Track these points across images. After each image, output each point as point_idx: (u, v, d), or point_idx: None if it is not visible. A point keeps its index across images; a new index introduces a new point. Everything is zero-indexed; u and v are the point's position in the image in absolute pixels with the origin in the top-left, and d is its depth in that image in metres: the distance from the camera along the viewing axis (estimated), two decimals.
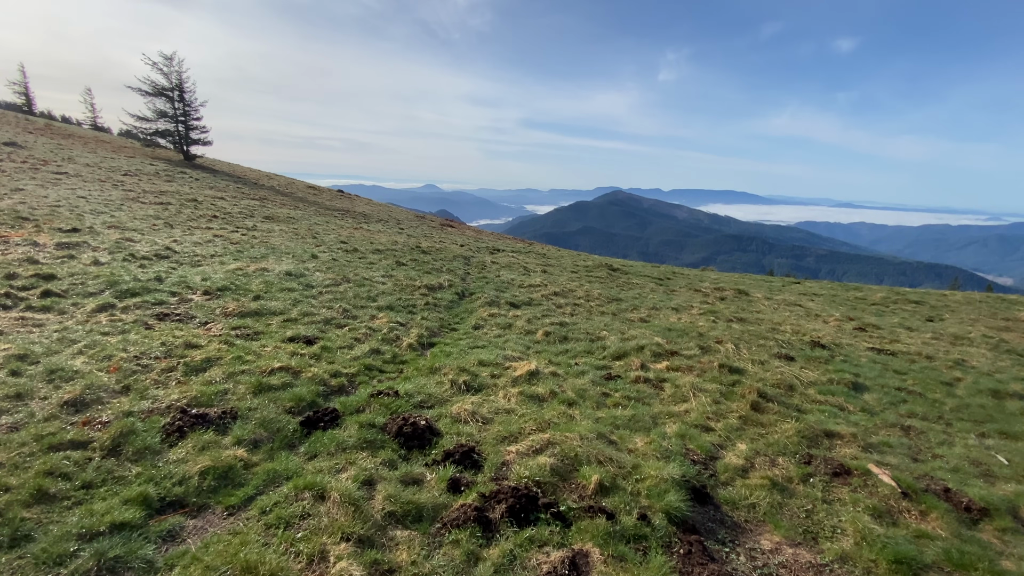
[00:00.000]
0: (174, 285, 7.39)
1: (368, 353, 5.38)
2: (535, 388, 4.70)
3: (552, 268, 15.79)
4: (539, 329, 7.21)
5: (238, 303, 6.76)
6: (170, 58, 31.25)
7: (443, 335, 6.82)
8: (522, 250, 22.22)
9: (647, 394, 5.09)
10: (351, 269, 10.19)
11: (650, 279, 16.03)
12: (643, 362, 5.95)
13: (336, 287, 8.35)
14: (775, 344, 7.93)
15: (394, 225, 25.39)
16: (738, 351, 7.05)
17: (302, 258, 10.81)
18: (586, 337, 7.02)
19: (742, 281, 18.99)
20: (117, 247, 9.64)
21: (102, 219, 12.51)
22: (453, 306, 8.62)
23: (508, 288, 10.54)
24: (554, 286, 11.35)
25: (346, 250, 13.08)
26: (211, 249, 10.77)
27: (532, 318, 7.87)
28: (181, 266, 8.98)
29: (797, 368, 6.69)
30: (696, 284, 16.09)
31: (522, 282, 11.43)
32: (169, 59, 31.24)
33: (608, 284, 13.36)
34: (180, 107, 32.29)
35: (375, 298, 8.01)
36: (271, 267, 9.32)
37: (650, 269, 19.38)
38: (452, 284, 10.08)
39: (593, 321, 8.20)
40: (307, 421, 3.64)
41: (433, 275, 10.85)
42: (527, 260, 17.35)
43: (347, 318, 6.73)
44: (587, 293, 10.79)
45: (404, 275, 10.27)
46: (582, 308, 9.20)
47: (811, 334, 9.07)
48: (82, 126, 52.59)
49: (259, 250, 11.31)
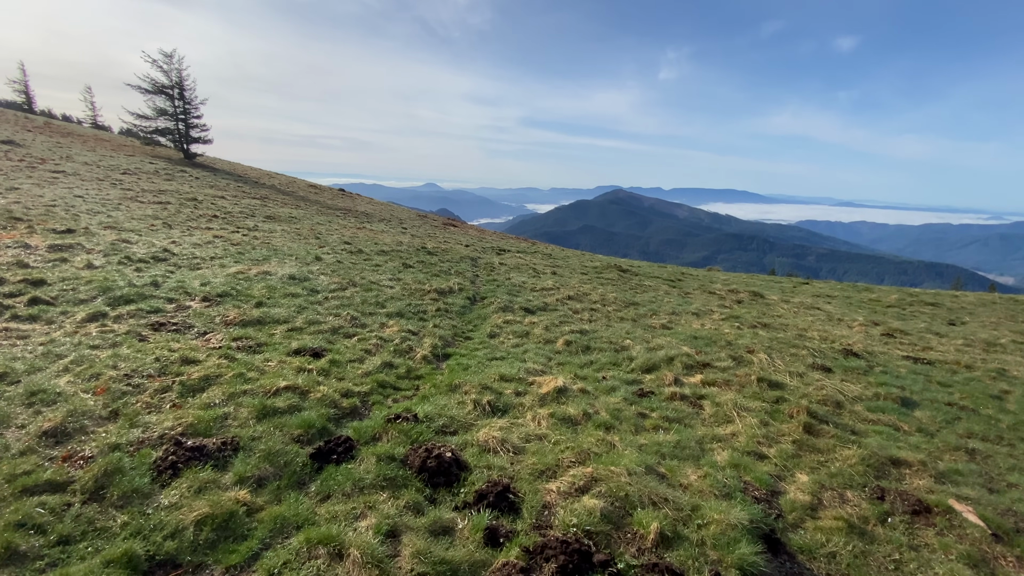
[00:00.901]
0: (171, 291, 6.95)
1: (380, 367, 4.94)
2: (566, 408, 4.27)
3: (561, 269, 15.35)
4: (559, 338, 6.77)
5: (239, 311, 6.32)
6: (170, 55, 30.77)
7: (457, 345, 6.39)
8: (527, 250, 21.78)
9: (686, 414, 4.65)
10: (357, 272, 9.76)
11: (661, 280, 15.60)
12: (676, 376, 5.51)
13: (342, 292, 7.91)
14: (808, 353, 7.49)
15: (397, 225, 24.95)
16: (772, 362, 6.61)
17: (305, 260, 10.37)
18: (610, 347, 6.58)
19: (752, 282, 18.56)
20: (113, 249, 9.21)
21: (98, 219, 12.07)
22: (465, 312, 8.18)
23: (520, 292, 10.11)
24: (567, 289, 10.90)
25: (350, 251, 12.64)
26: (211, 251, 10.34)
27: (550, 325, 7.43)
28: (179, 269, 8.54)
29: (837, 381, 6.25)
30: (708, 286, 15.65)
31: (534, 285, 10.99)
32: (169, 56, 30.76)
33: (621, 287, 12.92)
34: (180, 105, 31.84)
35: (384, 304, 7.57)
36: (274, 270, 8.89)
37: (659, 270, 18.94)
38: (462, 288, 9.64)
39: (614, 328, 7.76)
40: (318, 453, 3.21)
41: (442, 278, 10.41)
42: (535, 261, 16.91)
43: (356, 327, 6.29)
44: (602, 297, 10.34)
45: (412, 278, 9.83)
46: (600, 314, 8.76)
47: (840, 341, 8.64)
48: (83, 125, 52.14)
49: (261, 252, 10.88)
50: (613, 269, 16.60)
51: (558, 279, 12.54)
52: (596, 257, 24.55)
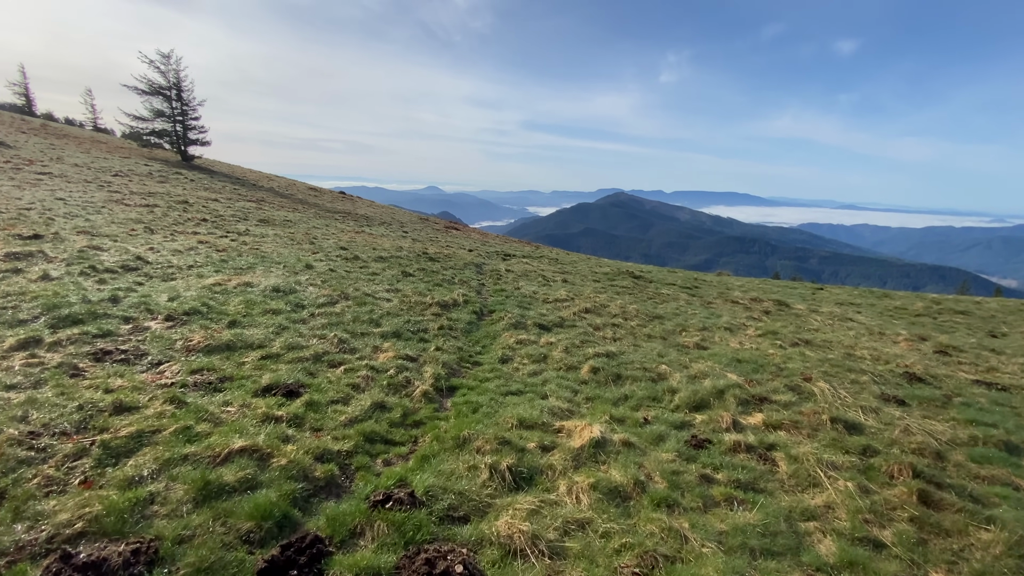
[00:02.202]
0: (131, 307, 5.97)
1: (370, 410, 3.94)
2: (609, 474, 3.26)
3: (571, 276, 14.35)
4: (583, 363, 5.76)
5: (206, 332, 5.34)
6: (167, 56, 30.04)
7: (464, 373, 5.38)
8: (532, 255, 20.79)
9: (759, 473, 3.65)
10: (350, 282, 8.76)
11: (678, 288, 14.59)
12: (733, 417, 4.50)
13: (332, 307, 6.92)
14: (869, 379, 6.46)
15: (397, 228, 24.00)
16: (836, 393, 5.59)
17: (295, 269, 9.39)
18: (644, 375, 5.56)
19: (769, 289, 17.54)
20: (79, 257, 8.23)
21: (74, 223, 11.12)
22: (472, 329, 7.17)
23: (532, 304, 9.10)
24: (582, 300, 9.90)
25: (346, 258, 11.66)
26: (191, 258, 9.37)
27: (570, 346, 6.42)
28: (150, 280, 7.57)
29: (918, 418, 5.23)
30: (727, 293, 14.63)
31: (546, 296, 9.99)
32: (167, 57, 30.03)
33: (639, 296, 11.91)
34: (178, 106, 31.10)
35: (379, 321, 6.56)
36: (257, 281, 7.91)
37: (672, 276, 17.92)
38: (468, 300, 8.64)
39: (643, 349, 6.75)
40: (271, 568, 2.21)
41: (445, 288, 9.42)
42: (542, 267, 15.91)
43: (344, 352, 5.29)
44: (622, 309, 9.33)
45: (412, 289, 8.84)
46: (624, 330, 7.75)
47: (896, 362, 7.62)
48: (84, 127, 51.51)
49: (246, 259, 9.90)
50: (626, 276, 15.59)
51: (571, 288, 11.54)
52: (604, 262, 23.55)
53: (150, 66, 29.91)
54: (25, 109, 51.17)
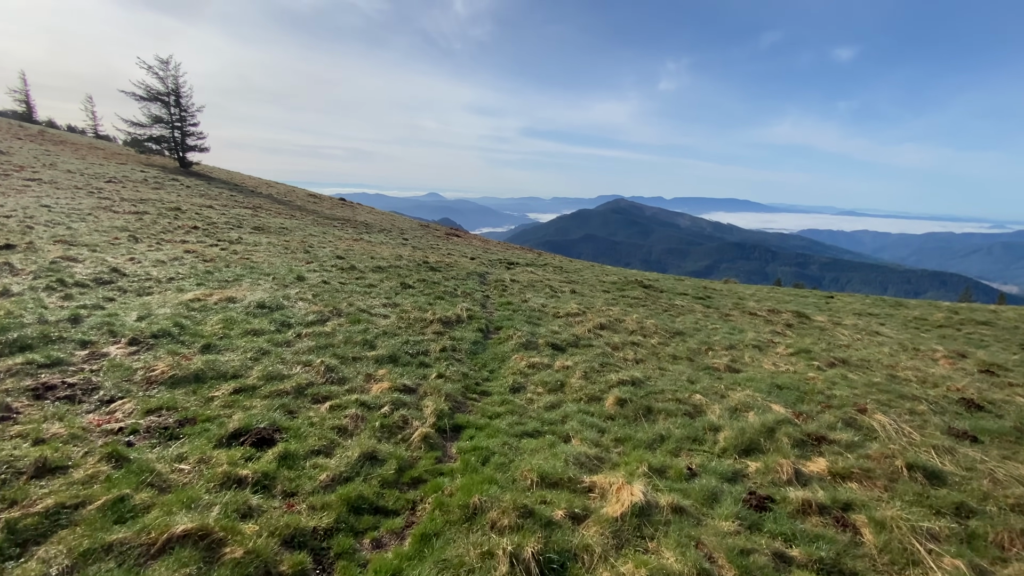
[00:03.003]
0: (93, 329, 5.26)
1: (357, 464, 3.21)
2: (663, 560, 2.53)
3: (579, 287, 13.66)
4: (606, 393, 5.03)
5: (174, 360, 4.62)
6: (166, 62, 29.72)
7: (471, 407, 4.65)
8: (536, 262, 20.12)
9: (842, 547, 2.91)
10: (344, 296, 8.05)
11: (691, 298, 13.89)
12: (793, 465, 3.76)
13: (322, 326, 6.20)
14: (926, 408, 5.73)
15: (397, 236, 23.38)
16: (899, 428, 4.86)
17: (284, 281, 8.69)
18: (678, 407, 4.83)
19: (782, 298, 16.85)
20: (49, 270, 7.54)
21: (54, 232, 10.47)
22: (478, 350, 6.44)
23: (542, 319, 8.39)
24: (595, 314, 9.18)
25: (342, 268, 10.97)
26: (174, 270, 8.68)
27: (589, 371, 5.70)
28: (123, 295, 6.87)
29: (996, 457, 4.48)
30: (742, 304, 13.93)
31: (556, 309, 9.27)
32: (165, 63, 29.71)
33: (653, 309, 11.19)
34: (176, 112, 30.71)
35: (373, 343, 5.84)
36: (241, 295, 7.21)
37: (680, 284, 17.21)
38: (472, 315, 7.92)
39: (670, 374, 6.02)
40: None
41: (447, 301, 8.71)
42: (548, 276, 15.21)
43: (331, 382, 4.57)
44: (640, 325, 8.60)
45: (411, 303, 8.13)
46: (645, 350, 7.03)
47: (945, 385, 6.88)
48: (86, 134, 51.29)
49: (234, 270, 9.21)
50: (635, 285, 14.90)
51: (581, 300, 10.83)
52: (609, 270, 22.88)
53: (148, 72, 29.57)
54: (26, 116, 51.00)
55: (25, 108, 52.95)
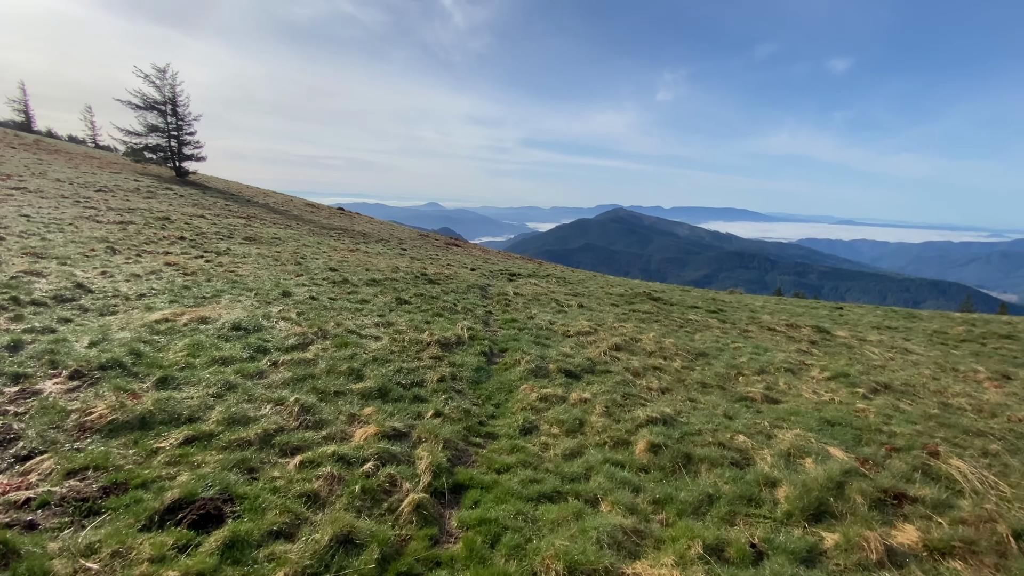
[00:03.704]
0: (32, 359, 4.49)
1: (327, 551, 2.43)
2: None
3: (586, 300, 12.92)
4: (635, 436, 4.24)
5: (119, 398, 3.85)
6: (163, 71, 29.35)
7: (474, 457, 3.86)
8: (538, 273, 19.41)
9: None
10: (333, 314, 7.29)
11: (703, 312, 13.16)
12: (880, 538, 2.99)
13: (303, 351, 5.43)
14: (998, 446, 4.96)
15: (396, 246, 22.72)
16: (981, 476, 4.08)
17: (268, 297, 7.94)
18: (721, 453, 4.04)
19: (791, 309, 16.14)
20: (6, 286, 6.80)
21: (25, 243, 9.73)
22: (481, 378, 5.67)
23: (550, 338, 7.62)
24: (608, 332, 8.42)
25: (334, 282, 10.23)
26: (147, 285, 7.93)
27: (611, 404, 4.92)
28: (83, 315, 6.11)
29: None
30: (757, 318, 13.21)
31: (565, 327, 8.51)
32: (162, 72, 29.34)
33: (667, 325, 10.44)
34: (173, 121, 30.26)
35: (361, 372, 5.07)
36: (216, 315, 6.45)
37: (688, 295, 16.48)
38: (474, 335, 7.15)
39: (703, 407, 5.24)
40: None
41: (446, 319, 7.95)
42: (553, 288, 14.48)
43: (306, 427, 3.79)
44: (658, 345, 7.84)
45: (407, 321, 7.36)
46: (668, 375, 6.25)
47: (1004, 414, 6.13)
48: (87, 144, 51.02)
49: (215, 285, 8.46)
50: (644, 298, 14.17)
51: (590, 315, 10.07)
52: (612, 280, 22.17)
53: (145, 80, 29.17)
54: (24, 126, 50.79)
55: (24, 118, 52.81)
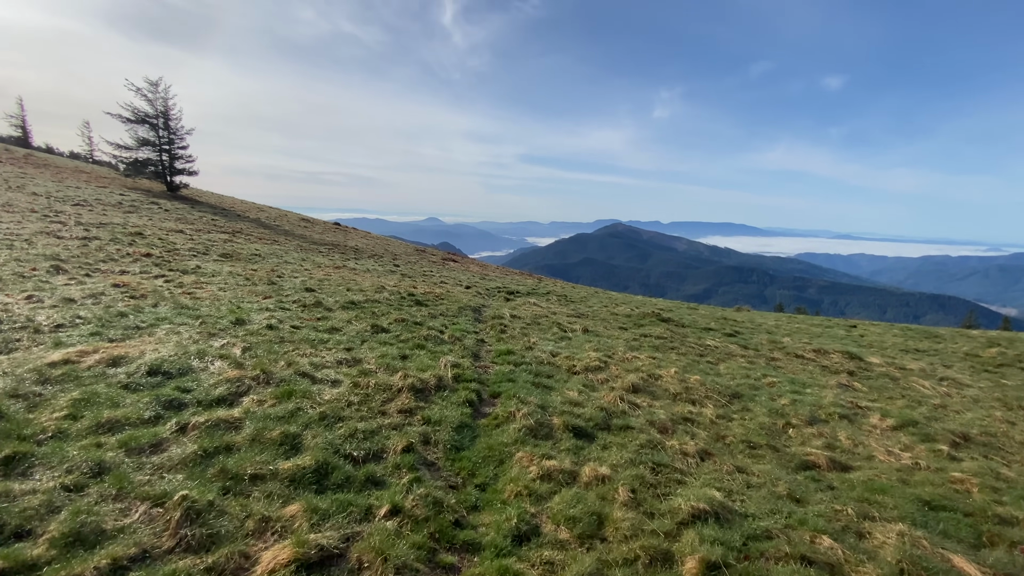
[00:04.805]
0: None
1: None
2: None
3: (591, 322, 11.65)
4: (679, 547, 2.92)
5: None
6: (155, 83, 28.70)
7: None
8: (537, 290, 18.15)
9: None
10: (287, 350, 5.98)
11: (720, 336, 11.87)
12: None
13: (229, 407, 4.12)
14: None
15: (388, 262, 21.53)
16: None
17: (216, 326, 6.64)
18: (808, 573, 2.74)
19: (807, 329, 14.89)
20: None
21: None
22: (464, 441, 4.34)
23: (553, 376, 6.31)
24: (620, 366, 7.12)
25: (304, 304, 8.95)
26: (73, 313, 6.64)
27: (637, 485, 3.58)
28: None
29: None
30: (779, 342, 11.95)
31: (570, 360, 7.20)
32: (155, 85, 28.68)
33: (684, 353, 9.14)
34: (165, 135, 29.48)
35: (299, 440, 3.75)
36: (138, 352, 5.16)
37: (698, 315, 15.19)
38: (460, 374, 5.85)
39: (757, 481, 3.91)
40: None
41: (428, 351, 6.65)
42: (553, 308, 13.21)
43: (186, 548, 2.47)
44: (682, 384, 6.53)
45: (378, 357, 6.06)
46: (704, 431, 4.93)
47: None
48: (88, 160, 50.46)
49: (160, 311, 7.17)
50: (653, 319, 12.88)
51: (598, 343, 8.78)
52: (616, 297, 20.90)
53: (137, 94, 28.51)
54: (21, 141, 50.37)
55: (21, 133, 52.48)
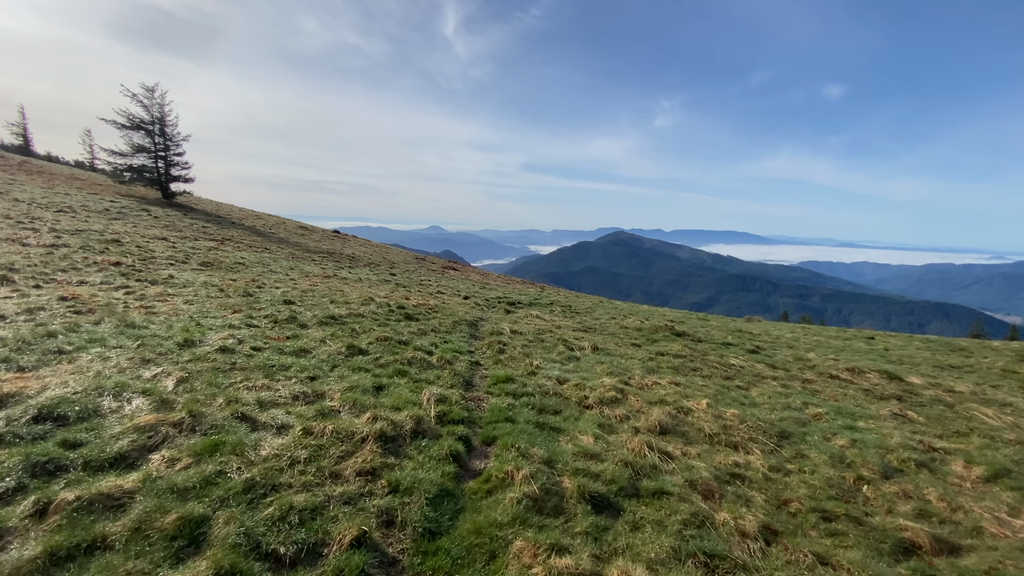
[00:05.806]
0: None
1: None
2: None
3: (599, 337, 10.51)
4: None
5: None
6: (151, 90, 28.10)
7: None
8: (540, 300, 17.02)
9: None
10: (236, 379, 4.86)
11: (742, 352, 10.71)
12: None
13: (125, 473, 2.99)
14: None
15: (384, 271, 20.49)
16: None
17: (158, 348, 5.54)
18: None
19: (824, 341, 13.73)
20: None
21: None
22: (441, 521, 3.17)
23: (560, 415, 5.18)
24: (640, 396, 5.98)
25: (276, 320, 7.85)
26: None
27: None
28: None
29: None
30: (800, 356, 10.85)
31: (580, 390, 6.05)
32: (151, 91, 28.08)
33: (712, 377, 7.98)
34: (160, 141, 28.80)
35: (205, 528, 2.57)
36: (39, 387, 4.07)
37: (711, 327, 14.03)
38: (446, 412, 4.73)
39: None
40: None
41: (408, 380, 5.53)
42: (558, 322, 12.08)
43: None
44: (720, 421, 5.38)
45: (346, 388, 4.95)
46: (759, 493, 3.79)
47: None
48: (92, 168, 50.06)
49: (98, 330, 6.06)
50: (668, 334, 11.73)
51: (611, 364, 7.65)
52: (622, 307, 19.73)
53: (132, 99, 27.90)
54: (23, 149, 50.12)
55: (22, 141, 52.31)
